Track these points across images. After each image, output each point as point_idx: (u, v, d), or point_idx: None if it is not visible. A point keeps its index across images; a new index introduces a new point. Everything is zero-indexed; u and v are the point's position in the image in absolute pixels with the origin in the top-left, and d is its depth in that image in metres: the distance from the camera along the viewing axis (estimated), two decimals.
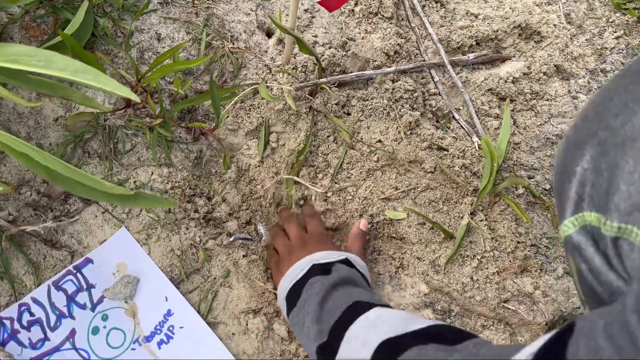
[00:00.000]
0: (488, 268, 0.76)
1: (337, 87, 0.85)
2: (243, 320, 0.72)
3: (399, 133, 0.83)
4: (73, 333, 0.68)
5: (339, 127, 0.82)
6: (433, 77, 0.92)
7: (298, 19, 0.89)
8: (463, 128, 0.88)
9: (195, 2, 0.85)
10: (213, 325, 0.71)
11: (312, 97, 0.82)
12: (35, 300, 0.68)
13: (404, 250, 0.78)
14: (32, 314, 0.68)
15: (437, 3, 0.99)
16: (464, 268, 0.76)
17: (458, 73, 0.93)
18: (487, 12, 0.98)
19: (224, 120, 0.81)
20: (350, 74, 0.85)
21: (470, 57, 0.93)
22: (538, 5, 0.99)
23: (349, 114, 0.84)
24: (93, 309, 0.70)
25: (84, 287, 0.70)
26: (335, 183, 0.81)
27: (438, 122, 0.89)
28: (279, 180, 0.80)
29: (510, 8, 0.98)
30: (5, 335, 0.66)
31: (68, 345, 0.68)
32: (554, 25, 0.96)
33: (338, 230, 0.79)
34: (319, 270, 0.65)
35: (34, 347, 0.67)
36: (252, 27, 0.88)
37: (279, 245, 0.74)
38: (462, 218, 0.79)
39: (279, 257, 0.73)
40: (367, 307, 0.58)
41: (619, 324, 0.28)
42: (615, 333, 0.28)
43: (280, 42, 0.88)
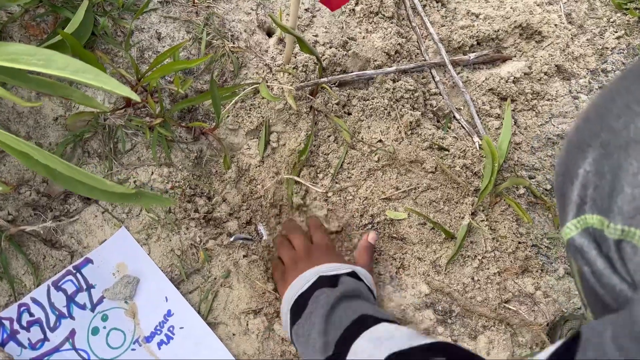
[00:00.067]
0: (489, 268, 0.76)
1: (337, 86, 0.85)
2: (243, 321, 0.72)
3: (400, 133, 0.83)
4: (73, 333, 0.68)
5: (340, 126, 0.81)
6: (434, 76, 0.91)
7: (299, 18, 0.89)
8: (464, 128, 0.87)
9: (196, 1, 0.85)
10: (213, 326, 0.71)
11: (312, 96, 0.82)
12: (35, 301, 0.68)
13: (405, 251, 0.78)
14: (31, 314, 0.68)
15: (438, 2, 0.99)
16: (465, 268, 0.76)
17: (459, 73, 0.92)
18: (488, 11, 0.98)
19: (224, 120, 0.81)
20: (351, 74, 0.85)
21: (471, 56, 0.92)
22: (539, 5, 0.99)
23: (350, 114, 0.84)
24: (93, 309, 0.70)
25: (84, 287, 0.70)
26: (336, 183, 0.81)
27: (439, 122, 0.89)
28: (280, 180, 0.80)
29: (511, 8, 0.98)
30: (5, 336, 0.66)
31: (68, 346, 0.67)
32: (555, 25, 0.96)
33: (341, 233, 0.79)
34: (326, 282, 0.64)
35: (34, 347, 0.66)
36: (252, 26, 0.88)
37: (285, 256, 0.73)
38: (463, 218, 0.78)
39: (284, 267, 0.72)
40: (373, 321, 0.57)
41: (629, 335, 0.28)
42: (626, 344, 0.28)
43: (281, 41, 0.88)
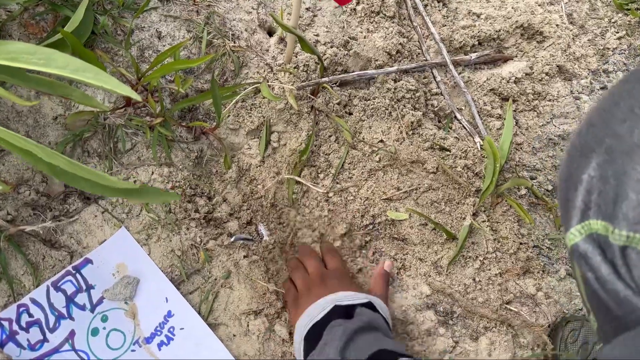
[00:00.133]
0: (490, 269, 0.76)
1: (338, 86, 0.85)
2: (244, 322, 0.72)
3: (401, 133, 0.83)
4: (72, 334, 0.68)
5: (341, 126, 0.81)
6: (435, 76, 0.91)
7: (300, 18, 0.88)
8: (465, 128, 0.87)
9: (196, 0, 0.84)
10: (214, 327, 0.71)
11: (313, 96, 0.82)
12: (34, 301, 0.68)
13: (406, 251, 0.78)
14: (30, 315, 0.67)
15: (439, 2, 0.98)
16: (466, 269, 0.76)
17: (460, 73, 0.92)
18: (489, 11, 0.97)
19: (225, 120, 0.80)
20: (352, 74, 0.85)
21: (473, 57, 0.92)
22: (540, 5, 0.99)
23: (351, 114, 0.84)
24: (92, 310, 0.69)
25: (84, 287, 0.70)
26: (337, 183, 0.80)
27: (440, 122, 0.89)
28: (280, 180, 0.80)
29: (513, 8, 0.98)
30: (4, 337, 0.65)
31: (67, 347, 0.67)
32: (556, 26, 0.96)
33: (347, 235, 0.78)
34: (342, 313, 0.63)
35: (33, 348, 0.66)
36: (253, 25, 0.87)
37: (298, 280, 0.71)
38: (464, 219, 0.78)
39: (297, 292, 0.70)
40: (391, 356, 0.56)
41: None
42: None
43: (282, 40, 0.88)
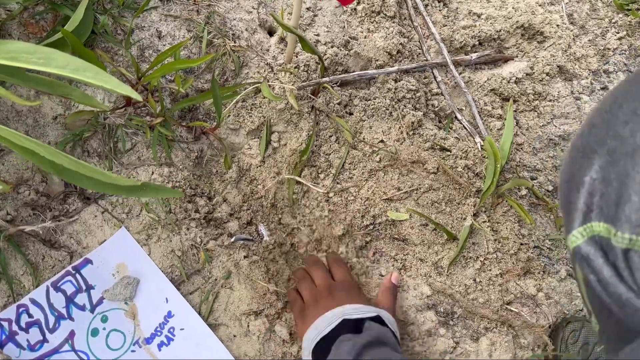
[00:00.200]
0: (491, 270, 0.76)
1: (339, 86, 0.84)
2: (244, 322, 0.72)
3: (402, 133, 0.83)
4: (72, 335, 0.67)
5: (341, 127, 0.81)
6: (435, 77, 0.91)
7: (300, 17, 0.88)
8: (465, 128, 0.87)
9: None
10: (214, 327, 0.71)
11: (314, 96, 0.82)
12: (34, 302, 0.67)
13: (407, 252, 0.78)
14: (30, 316, 0.67)
15: (439, 2, 0.98)
16: (467, 270, 0.76)
17: (461, 73, 0.92)
18: (489, 11, 0.97)
19: (225, 120, 0.80)
20: (353, 74, 0.84)
21: (473, 57, 0.92)
22: (541, 6, 0.99)
23: (351, 114, 0.84)
24: (92, 310, 0.69)
25: (83, 288, 0.70)
26: (337, 183, 0.80)
27: (440, 122, 0.89)
28: (281, 181, 0.80)
29: (513, 8, 0.98)
30: (4, 337, 0.65)
31: (67, 347, 0.67)
32: (557, 26, 0.96)
33: (345, 236, 0.78)
34: (350, 327, 0.62)
35: (33, 349, 0.66)
36: (253, 25, 0.87)
37: (305, 291, 0.70)
38: (464, 219, 0.78)
39: (304, 303, 0.70)
40: None
41: None
42: None
43: (282, 40, 0.87)
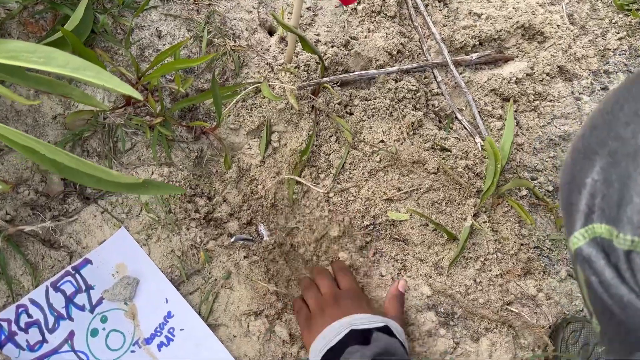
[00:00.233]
0: (491, 270, 0.76)
1: (339, 86, 0.84)
2: (244, 322, 0.71)
3: (402, 133, 0.83)
4: (72, 335, 0.67)
5: (342, 127, 0.81)
6: (436, 77, 0.91)
7: (300, 17, 0.88)
8: (466, 129, 0.87)
9: None
10: (214, 327, 0.71)
11: (314, 96, 0.81)
12: (33, 302, 0.67)
13: (407, 252, 0.78)
14: (30, 316, 0.67)
15: (440, 2, 0.98)
16: (467, 270, 0.76)
17: (461, 73, 0.92)
18: (490, 11, 0.97)
19: (225, 119, 0.80)
20: (353, 73, 0.84)
21: (473, 57, 0.92)
22: (541, 6, 0.99)
23: (352, 114, 0.84)
24: (92, 311, 0.69)
25: (83, 288, 0.69)
26: (337, 183, 0.80)
27: (441, 122, 0.89)
28: (281, 181, 0.79)
29: (513, 8, 0.98)
30: (3, 338, 0.65)
31: (66, 348, 0.67)
32: (557, 26, 0.96)
33: (345, 235, 0.78)
34: (358, 337, 0.61)
35: (32, 349, 0.65)
36: (254, 24, 0.87)
37: (310, 299, 0.70)
38: (465, 220, 0.78)
39: (310, 313, 0.69)
40: None
41: None
42: None
43: (283, 40, 0.87)
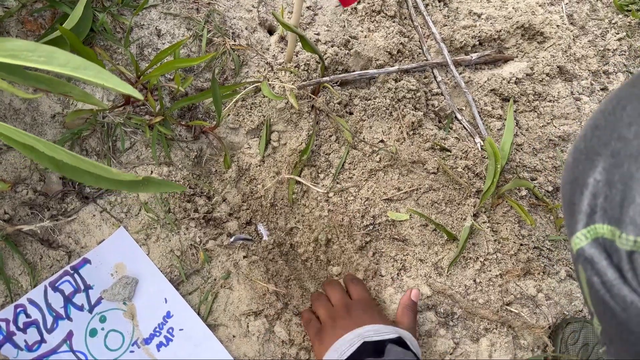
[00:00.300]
0: (491, 270, 0.76)
1: (339, 86, 0.84)
2: (244, 323, 0.71)
3: (402, 133, 0.82)
4: (70, 335, 0.67)
5: (342, 126, 0.81)
6: (436, 76, 0.91)
7: (300, 16, 0.88)
8: (466, 129, 0.87)
9: None
10: (213, 328, 0.70)
11: (314, 95, 0.81)
12: (32, 302, 0.67)
13: (407, 252, 0.78)
14: (28, 316, 0.66)
15: (440, 2, 0.98)
16: (467, 270, 0.76)
17: (461, 73, 0.92)
18: (490, 11, 0.97)
19: (225, 119, 0.79)
20: (353, 73, 0.84)
21: (473, 57, 0.92)
22: (541, 6, 0.99)
23: (352, 114, 0.83)
24: (91, 311, 0.68)
25: (82, 288, 0.69)
26: (337, 183, 0.80)
27: (440, 122, 0.89)
28: (280, 180, 0.79)
29: (513, 8, 0.98)
30: (1, 338, 0.64)
31: (65, 348, 0.66)
32: (557, 26, 0.96)
33: (343, 227, 0.78)
34: (371, 350, 0.60)
35: (30, 349, 0.65)
36: (253, 24, 0.87)
37: (321, 309, 0.69)
38: (465, 220, 0.78)
39: (321, 324, 0.68)
40: None
41: None
42: None
43: (282, 39, 0.87)
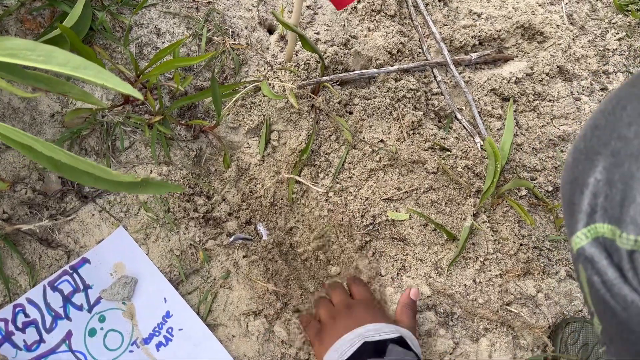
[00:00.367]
0: (491, 270, 0.76)
1: (339, 85, 0.84)
2: (243, 322, 0.71)
3: (402, 133, 0.82)
4: (69, 335, 0.67)
5: (341, 126, 0.81)
6: (436, 76, 0.91)
7: (300, 16, 0.88)
8: (465, 128, 0.87)
9: None
10: (213, 327, 0.70)
11: (314, 95, 0.81)
12: (31, 301, 0.67)
13: (406, 252, 0.77)
14: (27, 315, 0.66)
15: (440, 1, 0.98)
16: (467, 270, 0.76)
17: (461, 73, 0.92)
18: (490, 11, 0.97)
19: (225, 118, 0.79)
20: (353, 73, 0.84)
21: (473, 56, 0.92)
22: (541, 6, 0.99)
23: (351, 113, 0.83)
24: (90, 310, 0.68)
25: (81, 287, 0.69)
26: (337, 183, 0.80)
27: (440, 122, 0.88)
28: (280, 180, 0.79)
29: (513, 8, 0.97)
30: (0, 337, 0.64)
31: (64, 347, 0.66)
32: (557, 26, 0.96)
33: (342, 225, 0.78)
34: (371, 351, 0.59)
35: (29, 349, 0.65)
36: (253, 23, 0.87)
37: (322, 310, 0.69)
38: (464, 219, 0.78)
39: (321, 324, 0.68)
40: None
41: None
42: None
43: (282, 39, 0.87)
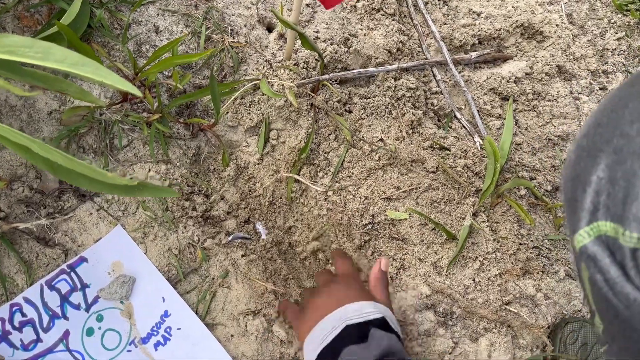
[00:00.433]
0: (490, 270, 0.76)
1: (338, 84, 0.84)
2: (242, 322, 0.71)
3: (401, 132, 0.82)
4: (67, 334, 0.66)
5: (341, 125, 0.80)
6: (435, 75, 0.90)
7: (300, 14, 0.87)
8: (465, 128, 0.87)
9: None
10: (211, 327, 0.70)
11: (313, 94, 0.81)
12: (28, 300, 0.66)
13: (406, 251, 0.77)
14: (24, 315, 0.66)
15: (439, 0, 0.98)
16: (466, 270, 0.75)
17: (460, 72, 0.92)
18: (489, 10, 0.97)
19: (223, 117, 0.79)
20: (353, 71, 0.84)
21: (473, 55, 0.92)
22: (540, 5, 0.99)
23: (351, 112, 0.83)
24: (87, 310, 0.68)
25: (78, 286, 0.68)
26: (336, 182, 0.80)
27: (440, 121, 0.88)
28: (279, 179, 0.79)
29: (513, 7, 0.97)
30: None
31: (61, 347, 0.66)
32: (556, 25, 0.96)
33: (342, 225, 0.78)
34: (354, 335, 0.58)
35: (26, 348, 0.64)
36: (252, 21, 0.86)
37: (306, 294, 0.69)
38: (464, 219, 0.78)
39: (298, 306, 0.68)
40: None
41: None
42: None
43: (281, 37, 0.86)
